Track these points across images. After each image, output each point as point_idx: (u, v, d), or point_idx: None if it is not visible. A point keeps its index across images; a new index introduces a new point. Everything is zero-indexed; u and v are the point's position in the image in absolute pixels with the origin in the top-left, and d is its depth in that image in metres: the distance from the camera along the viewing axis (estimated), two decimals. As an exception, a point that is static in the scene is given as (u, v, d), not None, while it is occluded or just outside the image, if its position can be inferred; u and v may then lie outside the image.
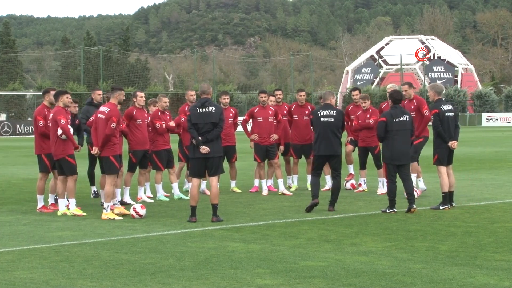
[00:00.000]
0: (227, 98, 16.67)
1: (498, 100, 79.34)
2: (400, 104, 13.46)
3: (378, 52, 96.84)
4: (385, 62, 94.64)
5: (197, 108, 12.24)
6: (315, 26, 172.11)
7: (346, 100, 69.91)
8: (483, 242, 9.92)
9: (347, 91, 76.43)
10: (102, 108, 13.10)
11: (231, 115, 16.41)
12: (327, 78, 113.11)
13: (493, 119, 69.85)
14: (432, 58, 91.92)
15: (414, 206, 12.93)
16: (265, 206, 14.11)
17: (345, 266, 8.54)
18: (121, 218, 12.66)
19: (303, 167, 17.73)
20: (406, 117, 13.16)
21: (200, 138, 12.08)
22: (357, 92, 16.88)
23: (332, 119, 13.43)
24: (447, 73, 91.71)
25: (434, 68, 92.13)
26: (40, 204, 13.86)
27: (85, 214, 13.18)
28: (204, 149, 12.10)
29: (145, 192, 15.25)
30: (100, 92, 15.47)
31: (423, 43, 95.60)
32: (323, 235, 10.71)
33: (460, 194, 15.40)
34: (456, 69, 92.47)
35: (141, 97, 14.85)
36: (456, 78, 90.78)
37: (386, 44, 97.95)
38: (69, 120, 13.23)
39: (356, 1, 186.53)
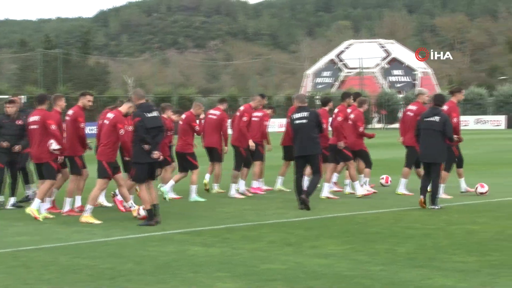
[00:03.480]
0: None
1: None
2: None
3: (338, 55, 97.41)
4: (345, 65, 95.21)
5: (146, 114, 12.28)
6: (276, 29, 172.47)
7: (310, 105, 70.12)
8: (441, 244, 10.03)
9: (308, 94, 76.71)
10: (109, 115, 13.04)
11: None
12: (288, 81, 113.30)
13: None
14: (390, 62, 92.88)
15: (432, 206, 13.54)
16: (226, 209, 14.10)
17: (305, 269, 8.56)
18: (100, 222, 12.46)
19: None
20: (436, 118, 13.73)
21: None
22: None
23: (305, 121, 13.95)
24: (406, 77, 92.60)
25: (393, 72, 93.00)
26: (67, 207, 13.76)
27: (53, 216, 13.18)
28: (156, 154, 12.15)
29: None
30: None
31: (382, 47, 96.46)
32: (284, 238, 10.73)
33: (418, 196, 15.55)
34: (415, 72, 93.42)
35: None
36: (415, 82, 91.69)
37: (346, 48, 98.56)
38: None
39: (316, 5, 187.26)
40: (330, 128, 16.04)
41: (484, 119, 66.35)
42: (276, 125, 53.26)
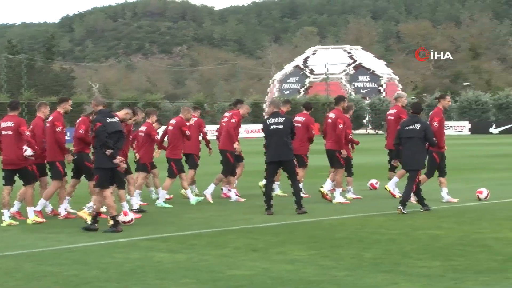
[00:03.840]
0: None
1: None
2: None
3: (304, 61, 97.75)
4: (311, 71, 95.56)
5: (107, 119, 12.28)
6: (242, 35, 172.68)
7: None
8: (406, 249, 10.10)
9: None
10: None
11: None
12: (254, 87, 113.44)
13: (416, 128, 71.20)
14: (356, 68, 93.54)
15: (399, 207, 13.79)
16: (193, 215, 14.06)
17: (271, 275, 8.57)
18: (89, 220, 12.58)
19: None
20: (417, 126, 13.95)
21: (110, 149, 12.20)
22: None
23: (281, 126, 14.05)
24: (372, 83, 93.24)
25: (359, 78, 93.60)
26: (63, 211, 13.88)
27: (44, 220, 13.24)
28: (119, 159, 12.11)
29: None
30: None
31: (348, 53, 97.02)
32: (250, 244, 10.73)
33: (384, 201, 15.67)
34: (380, 78, 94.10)
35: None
36: (380, 88, 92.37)
37: (312, 54, 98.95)
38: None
39: (282, 11, 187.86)
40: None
41: (448, 125, 66.87)
42: (243, 131, 53.26)
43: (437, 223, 12.47)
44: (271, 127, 14.13)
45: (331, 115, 15.95)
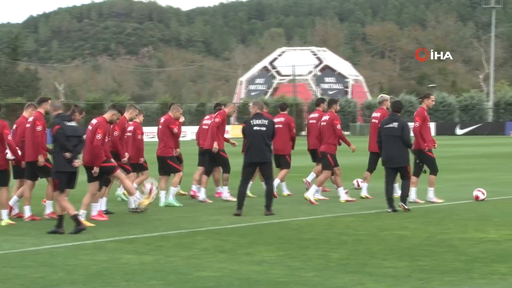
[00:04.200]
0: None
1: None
2: None
3: (271, 63, 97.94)
4: (278, 73, 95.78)
5: (65, 122, 12.25)
6: (209, 36, 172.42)
7: (241, 111, 70.28)
8: (373, 250, 10.15)
9: (241, 101, 76.96)
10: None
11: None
12: (222, 88, 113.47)
13: (382, 129, 71.70)
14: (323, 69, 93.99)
15: (401, 203, 14.17)
16: (160, 217, 14.00)
17: (239, 276, 8.56)
18: (93, 225, 12.68)
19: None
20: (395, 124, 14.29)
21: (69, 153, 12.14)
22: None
23: (264, 128, 14.07)
24: (338, 84, 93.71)
25: (326, 79, 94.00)
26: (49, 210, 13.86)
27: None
28: (78, 162, 12.08)
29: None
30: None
31: (315, 54, 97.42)
32: (218, 245, 10.72)
33: (351, 202, 15.75)
34: (346, 80, 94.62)
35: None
36: (346, 89, 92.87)
37: (279, 55, 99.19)
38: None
39: (249, 13, 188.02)
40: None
41: (415, 126, 67.61)
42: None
43: (404, 224, 12.55)
44: (254, 128, 14.10)
45: (325, 117, 16.03)
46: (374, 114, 16.68)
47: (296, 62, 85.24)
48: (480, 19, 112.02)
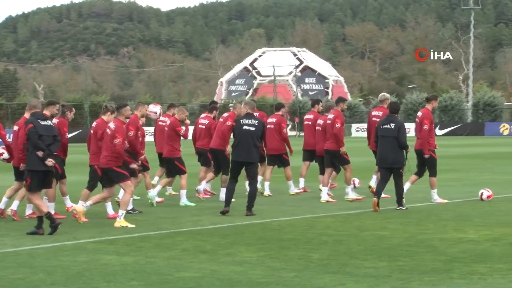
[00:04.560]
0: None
1: (367, 111, 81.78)
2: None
3: (251, 63, 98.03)
4: (258, 73, 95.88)
5: (39, 121, 12.19)
6: (189, 37, 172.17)
7: (221, 111, 70.24)
8: (354, 250, 10.19)
9: (222, 102, 76.93)
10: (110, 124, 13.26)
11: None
12: (202, 89, 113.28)
13: (362, 130, 71.88)
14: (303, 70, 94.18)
15: (400, 207, 14.52)
16: (140, 217, 13.97)
17: (220, 277, 8.57)
18: (134, 226, 12.64)
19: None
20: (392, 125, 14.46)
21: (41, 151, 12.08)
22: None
23: (253, 128, 14.07)
24: (319, 85, 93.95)
25: (306, 80, 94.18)
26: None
27: None
28: (50, 161, 12.03)
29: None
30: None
31: (295, 55, 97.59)
32: (198, 246, 10.71)
33: (331, 203, 15.79)
34: (327, 80, 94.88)
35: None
36: (327, 90, 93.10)
37: (260, 56, 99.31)
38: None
39: (229, 13, 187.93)
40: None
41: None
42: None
43: (384, 224, 12.60)
44: (244, 127, 14.08)
45: (330, 116, 16.07)
46: (375, 113, 16.52)
47: (276, 63, 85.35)
48: (459, 20, 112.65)
